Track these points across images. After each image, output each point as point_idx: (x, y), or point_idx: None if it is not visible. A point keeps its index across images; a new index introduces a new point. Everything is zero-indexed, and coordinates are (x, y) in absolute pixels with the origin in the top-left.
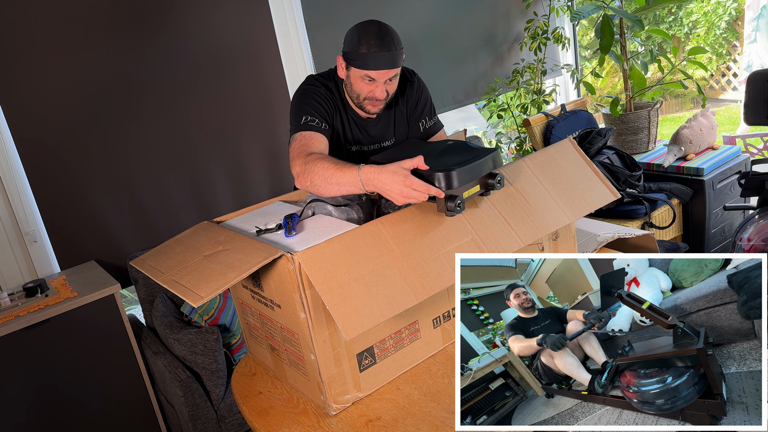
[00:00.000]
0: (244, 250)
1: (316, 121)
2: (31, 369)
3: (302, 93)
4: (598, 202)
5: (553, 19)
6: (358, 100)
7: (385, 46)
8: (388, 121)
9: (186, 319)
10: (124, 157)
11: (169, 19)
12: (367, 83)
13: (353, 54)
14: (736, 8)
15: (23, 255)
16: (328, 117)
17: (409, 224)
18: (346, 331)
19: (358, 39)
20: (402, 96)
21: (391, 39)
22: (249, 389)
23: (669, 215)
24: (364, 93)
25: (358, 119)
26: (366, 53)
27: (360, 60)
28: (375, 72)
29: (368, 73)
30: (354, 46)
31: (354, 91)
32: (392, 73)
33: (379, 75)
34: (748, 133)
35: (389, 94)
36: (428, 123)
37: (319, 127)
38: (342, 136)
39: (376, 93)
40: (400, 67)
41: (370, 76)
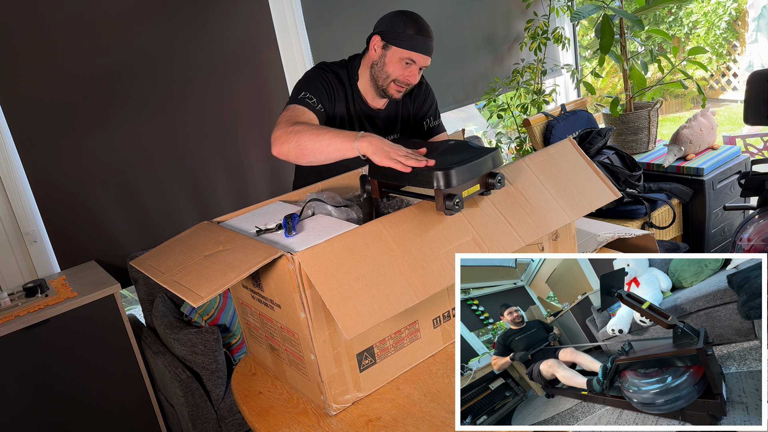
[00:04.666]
0: (244, 250)
1: (314, 100)
2: (30, 369)
3: (309, 74)
4: (599, 201)
5: (553, 19)
6: (385, 83)
7: (429, 34)
8: (395, 116)
9: (186, 319)
10: (124, 157)
11: (170, 20)
12: (404, 66)
13: (399, 35)
14: (736, 8)
15: (23, 255)
16: (327, 102)
17: (410, 224)
18: (347, 330)
19: (403, 22)
20: (410, 94)
21: (430, 30)
22: (249, 389)
23: (669, 215)
24: (396, 74)
25: (366, 109)
26: (413, 35)
27: (407, 41)
28: (418, 55)
29: (412, 55)
30: (399, 27)
31: (385, 71)
32: (428, 61)
33: (420, 59)
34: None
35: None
36: (432, 123)
37: (314, 106)
38: (344, 123)
39: (411, 77)
40: None
41: (413, 58)
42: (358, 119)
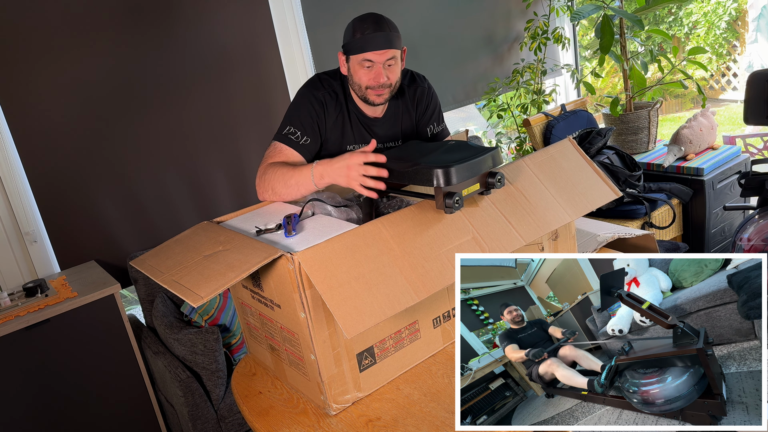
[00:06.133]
0: (244, 250)
1: (297, 134)
2: (30, 369)
3: (298, 98)
4: (600, 200)
5: (553, 19)
6: (362, 92)
7: (380, 28)
8: (396, 122)
9: (186, 319)
10: (124, 157)
11: (170, 19)
12: (367, 70)
13: (351, 42)
14: (736, 8)
15: (23, 255)
16: (316, 127)
17: (409, 223)
18: (347, 329)
19: (353, 28)
20: (413, 100)
21: (385, 22)
22: (249, 389)
23: (669, 215)
24: (364, 81)
25: (363, 119)
26: (361, 37)
27: (358, 44)
28: (372, 53)
29: (365, 55)
30: (350, 35)
31: (355, 82)
32: (389, 53)
33: (376, 56)
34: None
35: (392, 82)
36: (436, 129)
37: (297, 141)
38: (342, 137)
39: (379, 77)
40: (397, 50)
41: (368, 58)
42: (356, 129)
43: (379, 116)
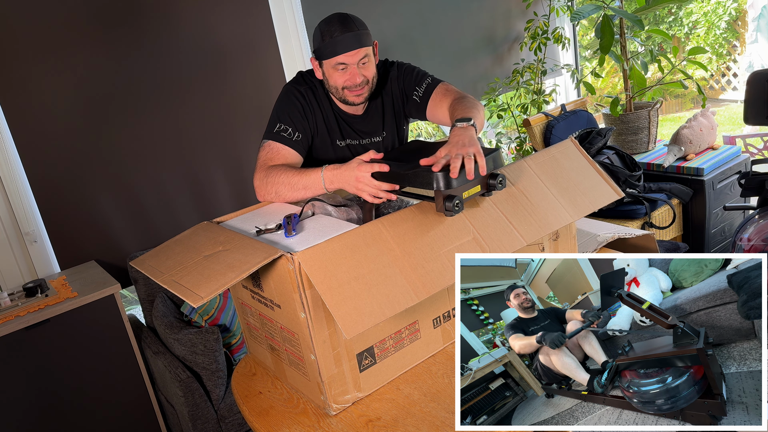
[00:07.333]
0: (243, 250)
1: (289, 131)
2: (30, 369)
3: (284, 96)
4: (602, 201)
5: (553, 19)
6: (339, 94)
7: (347, 29)
8: (377, 116)
9: (186, 319)
10: (124, 157)
11: (170, 19)
12: (342, 72)
13: (321, 47)
14: (736, 8)
15: (23, 255)
16: (305, 122)
17: (410, 224)
18: (347, 330)
19: (320, 33)
20: (386, 90)
21: (352, 21)
22: (249, 389)
23: (669, 215)
24: (340, 83)
25: (345, 116)
26: (330, 40)
27: (328, 48)
28: (343, 56)
29: (338, 59)
30: (319, 40)
31: (332, 86)
32: (361, 53)
33: (348, 57)
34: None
35: (368, 79)
36: (420, 92)
37: (291, 138)
38: (328, 134)
39: (354, 78)
40: (368, 47)
41: (341, 61)
42: (339, 126)
43: (359, 113)
